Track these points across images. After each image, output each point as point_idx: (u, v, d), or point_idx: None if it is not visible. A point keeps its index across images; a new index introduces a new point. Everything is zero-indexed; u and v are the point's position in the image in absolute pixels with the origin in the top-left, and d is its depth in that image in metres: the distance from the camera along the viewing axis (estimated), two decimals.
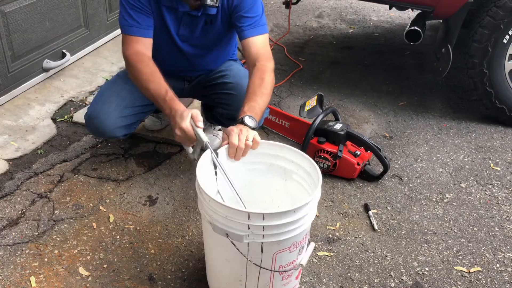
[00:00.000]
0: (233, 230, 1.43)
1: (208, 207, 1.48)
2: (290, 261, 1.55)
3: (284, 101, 3.10)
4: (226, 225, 1.44)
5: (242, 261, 1.50)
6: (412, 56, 3.85)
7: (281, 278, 1.58)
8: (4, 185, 2.19)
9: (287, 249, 1.50)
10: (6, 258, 1.84)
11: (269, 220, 1.41)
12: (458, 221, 2.17)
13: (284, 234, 1.45)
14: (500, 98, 2.83)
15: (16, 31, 2.68)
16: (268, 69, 1.94)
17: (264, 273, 1.53)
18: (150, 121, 2.63)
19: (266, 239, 1.44)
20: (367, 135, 2.71)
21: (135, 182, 2.29)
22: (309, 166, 1.65)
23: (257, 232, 1.42)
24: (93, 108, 2.14)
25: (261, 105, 1.82)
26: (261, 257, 1.49)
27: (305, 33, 4.25)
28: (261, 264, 1.50)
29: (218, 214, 1.45)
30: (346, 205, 2.23)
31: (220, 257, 1.59)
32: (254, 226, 1.41)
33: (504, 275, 1.89)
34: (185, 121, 1.72)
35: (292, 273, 1.60)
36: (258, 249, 1.47)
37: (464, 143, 2.76)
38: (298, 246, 1.54)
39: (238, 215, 1.41)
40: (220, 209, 1.44)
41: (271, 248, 1.48)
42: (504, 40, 2.71)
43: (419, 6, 2.89)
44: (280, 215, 1.41)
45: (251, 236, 1.43)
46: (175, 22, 2.10)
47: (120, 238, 1.97)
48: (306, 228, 1.53)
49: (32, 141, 2.50)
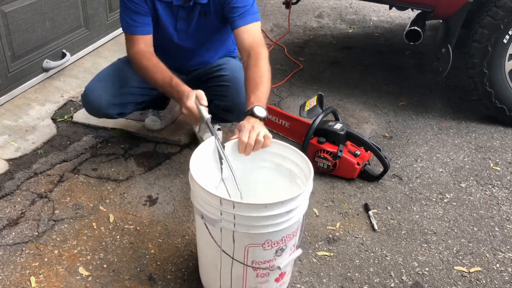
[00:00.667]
0: (208, 213, 1.49)
1: (193, 188, 1.54)
2: (265, 259, 1.55)
3: (284, 101, 3.10)
4: (203, 207, 1.50)
5: (217, 247, 1.54)
6: (412, 56, 3.85)
7: (255, 275, 1.58)
8: (4, 185, 2.19)
9: (261, 245, 1.51)
10: (6, 258, 1.84)
11: (239, 210, 1.43)
12: (458, 221, 2.17)
13: (255, 228, 1.46)
14: (500, 98, 2.82)
15: (16, 31, 2.68)
16: (262, 56, 1.95)
17: (237, 264, 1.55)
18: (150, 121, 2.63)
19: (237, 229, 1.47)
20: (367, 135, 2.71)
21: (135, 182, 2.29)
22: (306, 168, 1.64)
23: (228, 219, 1.46)
24: (90, 85, 2.22)
25: (265, 93, 1.84)
26: (233, 247, 1.51)
27: (305, 33, 4.25)
28: (233, 255, 1.52)
29: (197, 195, 1.51)
30: (346, 205, 2.23)
31: (201, 239, 1.64)
32: (225, 212, 1.45)
33: (504, 275, 1.89)
34: (190, 100, 1.82)
35: (269, 273, 1.58)
36: (230, 237, 1.49)
37: (464, 143, 2.76)
38: (275, 246, 1.53)
39: (212, 199, 1.46)
40: (198, 190, 1.49)
41: (243, 240, 1.49)
42: (504, 40, 2.71)
43: (419, 6, 2.89)
44: (250, 207, 1.44)
45: (223, 223, 1.47)
46: (171, 18, 2.15)
47: (120, 238, 1.97)
48: (284, 230, 1.51)
49: (32, 141, 2.50)
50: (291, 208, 1.47)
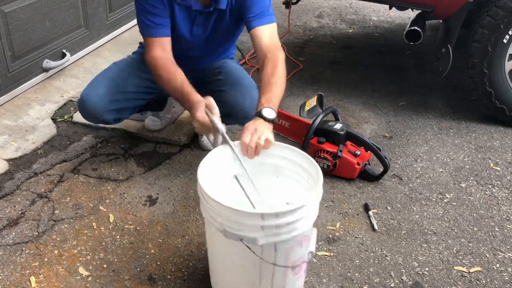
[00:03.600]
0: (246, 233, 1.42)
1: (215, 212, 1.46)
2: (300, 255, 1.55)
3: (284, 101, 3.10)
4: (238, 229, 1.43)
5: (255, 264, 1.49)
6: (412, 56, 3.85)
7: (294, 274, 1.58)
8: (4, 185, 2.19)
9: (298, 244, 1.51)
10: (6, 258, 1.84)
11: (282, 218, 1.41)
12: (458, 221, 2.17)
13: (296, 230, 1.46)
14: (500, 98, 2.82)
15: (16, 31, 2.68)
16: (279, 59, 1.93)
17: (279, 271, 1.53)
18: (150, 121, 2.63)
19: (280, 238, 1.44)
20: (367, 135, 2.70)
21: (135, 182, 2.29)
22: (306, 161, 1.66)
23: (270, 232, 1.42)
24: (85, 91, 2.18)
25: (278, 95, 1.80)
26: (275, 256, 1.48)
27: (305, 33, 4.25)
28: (275, 262, 1.49)
29: (228, 218, 1.43)
30: (346, 205, 2.23)
31: (232, 261, 1.57)
32: (268, 226, 1.41)
33: (504, 275, 1.89)
34: (199, 111, 1.75)
35: (302, 266, 1.60)
36: (272, 248, 1.46)
37: (464, 143, 2.76)
38: (307, 240, 1.54)
39: (251, 218, 1.41)
40: (232, 215, 1.42)
41: (284, 246, 1.48)
42: (504, 40, 2.71)
43: (419, 6, 2.89)
44: (292, 212, 1.42)
45: (267, 237, 1.42)
46: (187, 22, 2.12)
47: (120, 238, 1.97)
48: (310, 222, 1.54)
49: (32, 141, 2.50)
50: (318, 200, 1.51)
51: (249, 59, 3.53)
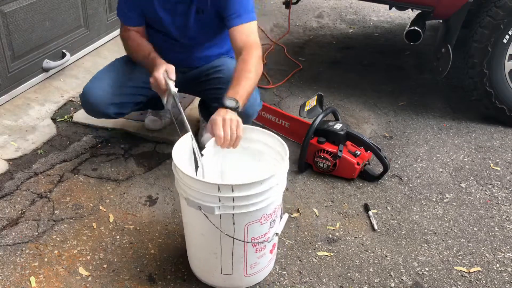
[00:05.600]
0: (205, 202, 1.52)
1: (182, 183, 1.58)
2: (262, 233, 1.63)
3: (284, 101, 3.10)
4: (199, 198, 1.53)
5: (215, 234, 1.58)
6: (412, 56, 3.85)
7: (254, 250, 1.65)
8: (4, 185, 2.19)
9: (258, 221, 1.59)
10: (6, 258, 1.84)
11: (238, 191, 1.50)
12: (458, 221, 2.17)
13: (253, 205, 1.53)
14: (500, 98, 2.83)
15: (16, 31, 2.68)
16: (253, 55, 1.95)
17: (238, 245, 1.61)
18: (150, 121, 2.63)
19: (237, 210, 1.53)
20: (367, 135, 2.71)
21: (135, 182, 2.29)
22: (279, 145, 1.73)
23: (227, 204, 1.51)
24: (88, 85, 2.23)
25: (246, 88, 1.83)
26: (233, 229, 1.57)
27: (305, 33, 4.25)
28: (234, 235, 1.58)
29: (191, 189, 1.54)
30: (346, 205, 2.23)
31: (196, 231, 1.67)
32: (224, 198, 1.50)
33: (504, 275, 1.89)
34: (158, 71, 1.92)
35: (266, 246, 1.67)
36: (230, 221, 1.56)
37: (464, 143, 2.76)
38: (269, 219, 1.62)
39: (209, 188, 1.51)
40: (192, 183, 1.54)
41: (243, 219, 1.56)
42: (504, 40, 2.71)
43: (419, 6, 2.89)
44: (247, 186, 1.50)
45: (223, 208, 1.52)
46: (169, 14, 2.15)
47: (120, 238, 1.97)
48: (275, 201, 1.62)
49: (32, 141, 2.50)
50: (280, 179, 1.59)
51: None
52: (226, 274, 1.70)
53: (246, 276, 1.72)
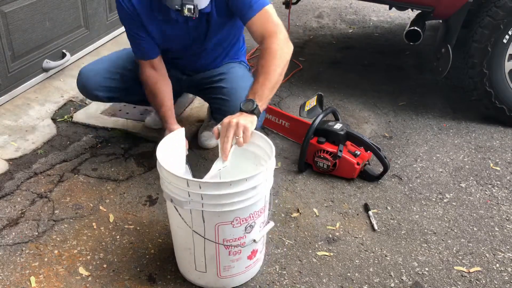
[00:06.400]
0: (177, 196, 1.55)
1: (161, 175, 1.61)
2: (235, 237, 1.61)
3: (284, 101, 3.10)
4: (172, 191, 1.56)
5: (188, 229, 1.60)
6: (412, 56, 3.85)
7: (227, 253, 1.64)
8: (4, 185, 2.19)
9: (230, 223, 1.57)
10: (6, 258, 1.84)
11: (206, 190, 1.49)
12: (458, 221, 2.17)
13: (223, 206, 1.52)
14: (500, 98, 2.83)
15: (16, 31, 2.68)
16: (273, 43, 1.86)
17: (210, 244, 1.61)
18: (151, 119, 2.63)
19: (206, 208, 1.53)
20: (367, 135, 2.71)
21: (135, 182, 2.29)
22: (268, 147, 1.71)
23: (196, 200, 1.52)
24: (85, 66, 2.36)
25: (266, 84, 1.75)
26: (204, 227, 1.57)
27: (305, 33, 4.25)
28: (204, 234, 1.58)
29: (165, 181, 1.58)
30: (346, 205, 2.23)
31: (173, 224, 1.70)
32: (193, 193, 1.51)
33: (504, 275, 1.89)
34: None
35: (241, 250, 1.65)
36: (200, 218, 1.56)
37: (464, 143, 2.76)
38: (243, 223, 1.59)
39: (179, 182, 1.53)
40: (166, 175, 1.56)
41: (212, 219, 1.56)
42: (504, 40, 2.71)
43: (419, 6, 2.89)
44: (216, 185, 1.50)
45: (192, 204, 1.53)
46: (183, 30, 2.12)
47: (120, 238, 1.97)
48: (252, 206, 1.58)
49: (32, 141, 2.50)
50: (255, 184, 1.54)
51: (249, 59, 3.53)
52: (200, 272, 1.70)
53: (221, 278, 1.70)
